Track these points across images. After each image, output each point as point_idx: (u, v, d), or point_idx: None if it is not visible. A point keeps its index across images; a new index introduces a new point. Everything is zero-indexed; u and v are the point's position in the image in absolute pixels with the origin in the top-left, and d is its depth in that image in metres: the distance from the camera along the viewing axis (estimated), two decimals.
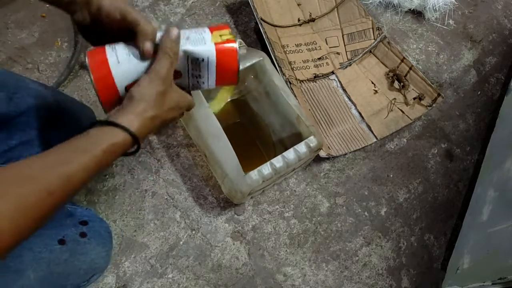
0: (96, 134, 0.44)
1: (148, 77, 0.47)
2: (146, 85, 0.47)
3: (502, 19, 1.21)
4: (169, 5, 1.05)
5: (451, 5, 1.16)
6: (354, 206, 0.92)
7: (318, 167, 0.94)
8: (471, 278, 0.77)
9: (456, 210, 0.96)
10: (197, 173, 0.89)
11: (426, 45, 1.13)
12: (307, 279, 0.84)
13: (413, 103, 1.00)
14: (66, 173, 0.40)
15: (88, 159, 0.42)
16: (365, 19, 1.06)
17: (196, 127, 0.77)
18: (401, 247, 0.90)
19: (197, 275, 0.81)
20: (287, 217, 0.88)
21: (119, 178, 0.86)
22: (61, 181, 0.40)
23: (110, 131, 0.44)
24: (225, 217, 0.86)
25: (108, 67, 0.46)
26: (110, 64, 0.46)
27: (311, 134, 0.77)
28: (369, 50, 1.06)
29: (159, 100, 0.48)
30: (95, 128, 0.44)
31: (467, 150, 1.03)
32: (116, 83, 0.47)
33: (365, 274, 0.87)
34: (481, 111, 1.08)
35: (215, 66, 0.52)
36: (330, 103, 1.00)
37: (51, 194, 0.39)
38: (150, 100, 0.47)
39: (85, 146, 0.43)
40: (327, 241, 0.88)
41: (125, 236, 0.82)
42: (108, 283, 0.78)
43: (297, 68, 1.02)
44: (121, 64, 0.47)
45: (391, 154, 0.99)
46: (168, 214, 0.85)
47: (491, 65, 1.14)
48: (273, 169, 0.73)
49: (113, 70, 0.46)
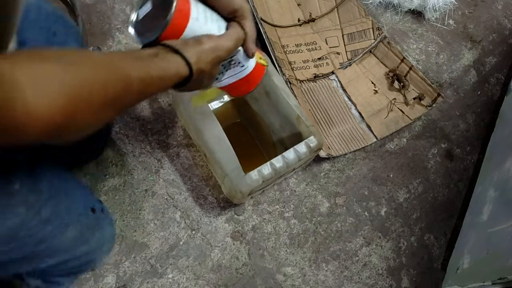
0: (165, 59, 0.44)
1: (224, 36, 0.50)
2: (217, 39, 0.49)
3: (502, 19, 1.21)
4: None
5: (451, 5, 1.16)
6: (354, 206, 0.92)
7: (318, 167, 0.94)
8: (471, 278, 0.77)
9: (456, 210, 0.96)
10: (197, 173, 0.89)
11: (426, 45, 1.13)
12: (307, 279, 0.84)
13: (413, 103, 1.00)
14: (127, 76, 0.39)
15: (151, 75, 0.41)
16: (365, 19, 1.06)
17: (196, 127, 0.77)
18: (401, 247, 0.90)
19: (197, 275, 0.81)
20: (287, 217, 0.88)
21: (119, 178, 0.86)
22: (122, 83, 0.38)
23: (177, 62, 0.45)
24: (225, 217, 0.86)
25: (187, 19, 0.48)
26: (190, 17, 0.48)
27: (311, 134, 0.77)
28: (369, 50, 1.06)
29: (216, 60, 0.49)
30: (164, 51, 0.44)
31: (467, 150, 1.03)
32: (184, 34, 0.49)
33: (365, 274, 0.87)
34: (481, 111, 1.08)
35: (242, 76, 0.57)
36: (330, 103, 1.00)
37: (107, 89, 0.37)
38: (214, 54, 0.49)
39: (151, 62, 0.42)
40: (327, 241, 0.88)
41: (125, 236, 0.82)
42: (108, 283, 0.78)
43: (297, 68, 1.02)
44: (197, 22, 0.49)
45: (391, 154, 0.99)
46: (168, 214, 0.85)
47: (491, 65, 1.14)
48: (273, 169, 0.73)
49: (189, 23, 0.48)
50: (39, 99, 0.31)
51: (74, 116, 0.34)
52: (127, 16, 1.01)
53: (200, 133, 0.77)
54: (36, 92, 0.31)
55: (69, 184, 0.60)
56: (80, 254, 0.61)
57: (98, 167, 0.86)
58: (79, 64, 0.35)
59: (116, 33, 0.97)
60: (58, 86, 0.32)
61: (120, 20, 1.00)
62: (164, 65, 0.43)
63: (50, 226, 0.54)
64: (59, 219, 0.55)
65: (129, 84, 0.39)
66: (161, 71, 0.43)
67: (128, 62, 0.40)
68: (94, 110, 0.36)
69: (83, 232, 0.60)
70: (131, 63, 0.40)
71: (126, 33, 0.99)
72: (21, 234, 0.51)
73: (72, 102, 0.34)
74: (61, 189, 0.57)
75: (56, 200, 0.54)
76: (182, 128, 0.92)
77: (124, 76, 0.38)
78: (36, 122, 0.31)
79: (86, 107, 0.35)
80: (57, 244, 0.57)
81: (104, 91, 0.36)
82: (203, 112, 0.76)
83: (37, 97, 0.31)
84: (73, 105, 0.34)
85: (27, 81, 0.30)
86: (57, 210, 0.54)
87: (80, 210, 0.60)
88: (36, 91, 0.31)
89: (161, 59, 0.43)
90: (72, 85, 0.34)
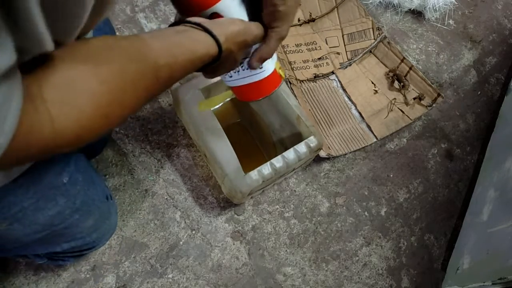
0: (193, 38, 0.42)
1: (253, 23, 0.48)
2: (246, 23, 0.48)
3: (502, 19, 1.21)
4: (169, 5, 1.05)
5: (451, 5, 1.16)
6: (354, 206, 0.92)
7: (318, 167, 0.94)
8: (471, 278, 0.77)
9: (456, 210, 0.96)
10: (197, 173, 0.89)
11: (426, 45, 1.13)
12: (307, 279, 0.84)
13: (413, 103, 1.00)
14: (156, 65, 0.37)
15: (179, 59, 0.40)
16: (365, 19, 1.06)
17: (196, 127, 0.77)
18: (401, 247, 0.90)
19: (197, 275, 0.81)
20: (287, 217, 0.88)
21: (119, 178, 0.86)
22: (151, 74, 0.37)
23: (206, 41, 0.43)
24: (225, 217, 0.86)
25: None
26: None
27: (311, 134, 0.77)
28: (369, 50, 1.06)
29: (243, 44, 0.48)
30: (192, 29, 0.43)
31: (467, 150, 1.03)
32: (217, 6, 0.48)
33: (365, 274, 0.87)
34: (481, 111, 1.08)
35: (257, 79, 0.56)
36: (330, 103, 1.00)
37: (138, 84, 0.36)
38: (242, 36, 0.47)
39: (179, 44, 0.40)
40: (327, 241, 0.88)
41: (125, 236, 0.82)
42: (108, 283, 0.78)
43: (297, 68, 1.02)
44: (232, 2, 0.49)
45: (391, 154, 0.99)
46: (168, 214, 0.85)
47: (491, 65, 1.14)
48: (273, 169, 0.73)
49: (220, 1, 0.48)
50: (65, 119, 0.30)
51: (106, 119, 0.34)
52: (127, 16, 1.02)
53: (200, 133, 0.77)
54: (62, 111, 0.30)
55: (93, 173, 0.62)
56: (90, 240, 0.64)
57: (98, 166, 0.86)
58: (109, 63, 0.33)
59: (117, 33, 0.97)
60: (86, 99, 0.31)
61: (120, 20, 1.00)
62: (192, 46, 0.41)
63: (78, 215, 0.56)
64: (85, 207, 0.57)
65: (158, 73, 0.37)
66: (189, 53, 0.41)
67: (155, 47, 0.38)
68: (125, 108, 0.35)
69: (98, 220, 0.62)
70: (159, 47, 0.38)
71: (126, 33, 0.99)
72: (56, 222, 0.53)
73: (102, 110, 0.33)
74: (90, 179, 0.59)
75: (86, 190, 0.57)
76: (182, 128, 0.92)
77: (153, 66, 0.37)
78: (65, 138, 0.31)
79: (117, 108, 0.34)
80: (77, 231, 0.59)
81: (134, 88, 0.35)
82: (203, 112, 0.76)
83: (63, 116, 0.30)
84: (103, 112, 0.33)
85: (54, 100, 0.29)
86: (85, 198, 0.56)
87: (100, 198, 0.62)
88: (62, 109, 0.30)
89: (189, 38, 0.41)
90: (102, 92, 0.32)
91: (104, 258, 0.80)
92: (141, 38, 0.37)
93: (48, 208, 0.51)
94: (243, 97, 0.61)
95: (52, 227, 0.53)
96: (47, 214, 0.51)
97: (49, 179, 0.49)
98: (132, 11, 1.02)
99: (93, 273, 0.78)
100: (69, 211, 0.54)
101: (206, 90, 0.80)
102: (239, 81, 0.56)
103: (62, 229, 0.56)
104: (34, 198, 0.48)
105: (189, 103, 0.77)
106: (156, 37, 0.38)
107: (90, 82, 0.31)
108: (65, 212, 0.53)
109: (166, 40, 0.39)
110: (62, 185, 0.51)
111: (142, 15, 1.03)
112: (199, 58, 0.42)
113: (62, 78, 0.30)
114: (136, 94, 0.35)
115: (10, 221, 0.48)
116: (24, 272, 0.77)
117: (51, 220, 0.52)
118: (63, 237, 0.59)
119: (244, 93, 0.59)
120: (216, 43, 0.43)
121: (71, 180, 0.53)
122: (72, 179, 0.53)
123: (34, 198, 0.48)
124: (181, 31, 0.41)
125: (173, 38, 0.40)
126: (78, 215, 0.56)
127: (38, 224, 0.51)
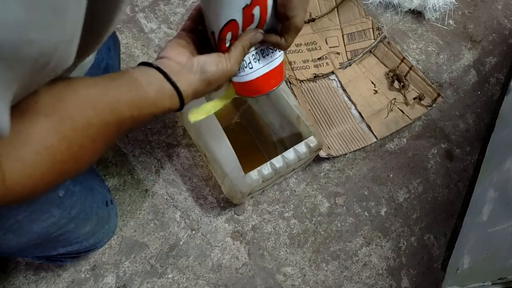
0: (164, 94, 0.41)
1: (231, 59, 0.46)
2: (223, 67, 0.45)
3: (502, 19, 1.21)
4: (169, 5, 1.05)
5: (451, 5, 1.16)
6: (354, 206, 0.92)
7: (318, 167, 0.94)
8: (471, 278, 0.77)
9: (456, 210, 0.96)
10: (197, 173, 0.89)
11: (426, 45, 1.13)
12: (307, 279, 0.84)
13: (413, 103, 1.00)
14: (120, 118, 0.36)
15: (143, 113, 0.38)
16: (365, 19, 1.06)
17: (196, 127, 0.77)
18: (401, 247, 0.90)
19: (197, 275, 0.81)
20: (287, 217, 0.88)
21: (119, 178, 0.86)
22: (115, 127, 0.35)
23: (171, 97, 0.41)
24: (225, 217, 0.86)
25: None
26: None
27: (311, 134, 0.77)
28: (369, 50, 1.06)
29: (215, 86, 0.47)
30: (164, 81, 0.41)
31: (467, 150, 1.03)
32: None
33: (365, 274, 0.87)
34: (481, 111, 1.08)
35: (276, 65, 0.53)
36: (330, 103, 1.00)
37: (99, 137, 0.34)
38: (216, 83, 0.46)
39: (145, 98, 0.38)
40: (327, 241, 0.88)
41: (125, 236, 0.82)
42: (108, 283, 0.78)
43: (297, 68, 1.02)
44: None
45: (391, 154, 0.99)
46: (168, 214, 0.85)
47: (491, 65, 1.14)
48: (273, 169, 0.73)
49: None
50: (18, 175, 0.28)
51: (60, 175, 0.32)
52: (127, 16, 1.02)
53: (200, 133, 0.77)
54: (16, 167, 0.28)
55: (94, 181, 0.62)
56: (88, 245, 0.64)
57: (97, 167, 0.86)
58: (74, 119, 0.31)
59: (116, 33, 0.97)
60: (43, 155, 0.29)
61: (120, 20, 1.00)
62: (158, 100, 0.40)
63: (74, 223, 0.56)
64: (82, 215, 0.57)
65: (120, 126, 0.36)
66: (153, 107, 0.40)
67: (124, 99, 0.36)
68: (81, 163, 0.34)
69: (96, 225, 0.62)
70: (128, 100, 0.37)
71: (126, 33, 0.99)
72: (51, 231, 0.53)
73: (58, 166, 0.31)
74: (88, 187, 0.59)
75: (83, 199, 0.57)
76: (182, 128, 0.92)
77: (117, 119, 0.35)
78: (15, 194, 0.29)
79: (73, 164, 0.33)
80: (73, 237, 0.59)
81: (94, 143, 0.34)
82: None
83: (16, 173, 0.28)
84: (58, 169, 0.31)
85: (8, 154, 0.28)
86: (82, 207, 0.56)
87: (99, 205, 0.62)
88: (16, 165, 0.28)
89: (156, 92, 0.40)
90: (60, 149, 0.31)
91: (104, 258, 0.80)
92: (114, 85, 0.36)
93: (43, 220, 0.50)
94: (253, 91, 0.57)
95: (47, 235, 0.53)
96: (41, 226, 0.50)
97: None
98: (132, 11, 1.02)
99: (93, 273, 0.78)
100: (64, 221, 0.53)
101: None
102: (251, 75, 0.53)
103: (58, 236, 0.55)
104: (28, 211, 0.47)
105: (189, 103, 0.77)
106: (128, 86, 0.37)
107: (50, 138, 0.30)
108: (61, 222, 0.53)
109: (136, 91, 0.38)
110: (57, 198, 0.51)
111: (142, 15, 1.03)
112: (162, 111, 0.41)
113: (20, 133, 0.28)
114: (93, 149, 0.34)
115: (4, 232, 0.47)
116: (24, 272, 0.77)
117: (46, 229, 0.51)
118: (60, 242, 0.58)
119: (260, 85, 0.55)
120: (180, 100, 0.42)
121: (68, 193, 0.52)
122: (68, 192, 0.52)
123: (28, 211, 0.47)
124: (152, 82, 0.40)
125: (143, 89, 0.39)
126: (74, 224, 0.56)
127: (33, 233, 0.50)
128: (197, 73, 0.44)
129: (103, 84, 0.36)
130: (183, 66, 0.43)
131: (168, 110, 0.42)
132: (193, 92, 0.44)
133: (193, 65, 0.44)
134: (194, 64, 0.44)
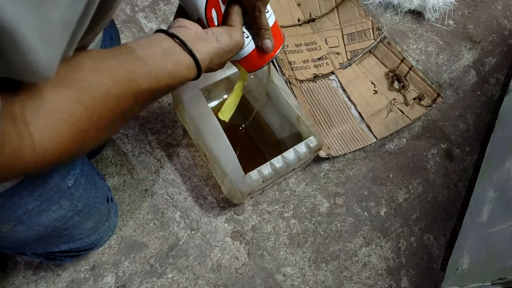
0: (181, 65, 0.41)
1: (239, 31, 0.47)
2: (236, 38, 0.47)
3: (502, 20, 1.21)
4: (169, 5, 1.05)
5: (451, 6, 1.16)
6: (354, 206, 0.92)
7: (318, 167, 0.94)
8: (470, 278, 0.77)
9: (456, 210, 0.96)
10: (197, 173, 0.89)
11: (426, 45, 1.13)
12: (306, 279, 0.84)
13: (413, 103, 1.00)
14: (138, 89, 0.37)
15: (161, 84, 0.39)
16: (365, 19, 1.06)
17: (196, 127, 0.77)
18: (401, 247, 0.90)
19: (196, 275, 0.81)
20: (287, 217, 0.88)
21: (119, 178, 0.86)
22: (132, 98, 0.37)
23: (188, 65, 0.42)
24: (224, 217, 0.86)
25: None
26: None
27: (311, 134, 0.77)
28: (369, 50, 1.06)
29: (228, 57, 0.48)
30: (180, 50, 0.42)
31: (467, 150, 1.03)
32: None
33: (365, 274, 0.87)
34: (481, 111, 1.08)
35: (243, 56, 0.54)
36: (330, 103, 1.00)
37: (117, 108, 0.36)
38: (229, 54, 0.47)
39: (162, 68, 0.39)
40: (326, 241, 0.88)
41: (125, 236, 0.82)
42: (108, 283, 0.78)
43: (297, 68, 1.02)
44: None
45: (391, 154, 0.99)
46: (168, 214, 0.85)
47: (491, 66, 1.14)
48: (273, 169, 0.73)
49: None
50: (47, 143, 0.30)
51: (83, 144, 0.34)
52: (127, 15, 1.01)
53: (200, 133, 0.77)
54: (44, 136, 0.30)
55: (96, 176, 0.62)
56: (89, 242, 0.64)
57: (97, 166, 0.86)
58: (94, 89, 0.33)
59: None
60: (68, 124, 0.31)
61: (120, 20, 1.00)
62: (175, 71, 0.41)
63: (78, 217, 0.56)
64: (86, 209, 0.57)
65: (138, 97, 0.37)
66: (171, 78, 0.40)
67: (142, 70, 0.37)
68: (103, 131, 0.36)
69: (98, 222, 0.62)
70: (145, 71, 0.38)
71: (126, 32, 0.99)
72: (58, 224, 0.53)
73: (81, 135, 0.33)
74: (92, 182, 0.59)
75: (88, 193, 0.57)
76: (182, 128, 0.92)
77: (135, 90, 0.37)
78: (44, 161, 0.31)
79: (93, 133, 0.35)
80: (76, 233, 0.59)
81: (112, 113, 0.35)
82: (203, 112, 0.76)
83: (45, 141, 0.30)
84: (81, 137, 0.33)
85: (37, 124, 0.29)
86: (87, 201, 0.57)
87: (101, 200, 0.62)
88: (45, 134, 0.30)
89: (173, 62, 0.41)
90: (82, 118, 0.32)
91: (104, 258, 0.80)
92: (131, 57, 0.37)
93: (52, 211, 0.50)
94: (262, 59, 0.56)
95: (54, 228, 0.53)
96: (51, 217, 0.51)
97: (54, 182, 0.49)
98: (132, 11, 1.02)
99: (93, 273, 0.78)
100: (71, 214, 0.54)
101: (206, 90, 0.80)
102: (251, 44, 0.53)
103: (63, 230, 0.56)
104: (39, 200, 0.48)
105: (189, 103, 0.77)
106: (144, 58, 0.38)
107: (73, 108, 0.32)
108: (68, 215, 0.53)
109: (153, 63, 0.39)
110: (67, 188, 0.51)
111: (142, 14, 1.02)
112: (179, 82, 0.42)
113: (47, 102, 0.30)
114: (112, 119, 0.36)
115: (14, 223, 0.47)
116: (24, 272, 0.77)
117: (54, 222, 0.52)
118: (62, 238, 0.58)
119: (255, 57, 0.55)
120: (196, 68, 0.43)
121: (76, 184, 0.53)
122: (76, 182, 0.53)
123: (39, 200, 0.48)
124: (168, 54, 0.40)
125: (160, 61, 0.39)
126: (79, 217, 0.56)
127: (42, 226, 0.50)
128: (213, 42, 0.44)
129: (122, 54, 0.37)
130: (199, 36, 0.44)
131: (185, 80, 0.42)
132: (209, 61, 0.44)
133: (208, 35, 0.44)
134: (209, 34, 0.45)
